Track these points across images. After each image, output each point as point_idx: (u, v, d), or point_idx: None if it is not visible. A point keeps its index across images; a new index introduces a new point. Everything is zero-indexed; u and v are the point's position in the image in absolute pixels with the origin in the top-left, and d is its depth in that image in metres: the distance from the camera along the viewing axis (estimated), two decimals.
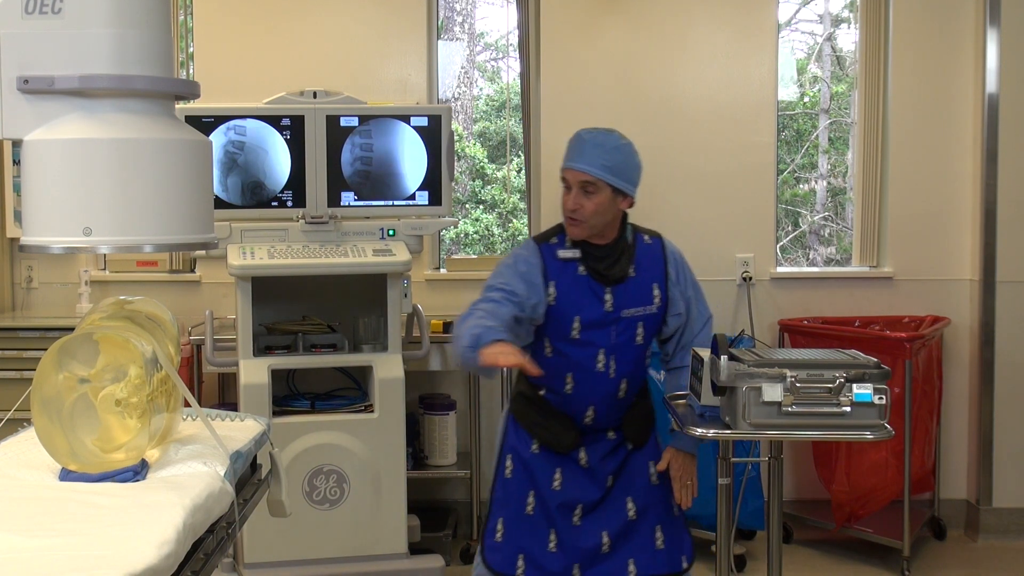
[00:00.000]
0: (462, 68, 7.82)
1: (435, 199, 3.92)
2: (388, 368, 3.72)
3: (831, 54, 8.10)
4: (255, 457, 2.39)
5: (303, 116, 3.82)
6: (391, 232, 3.87)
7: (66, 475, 1.93)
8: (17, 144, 1.89)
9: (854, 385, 2.41)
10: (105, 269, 4.67)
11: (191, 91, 2.02)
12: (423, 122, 3.90)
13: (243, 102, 3.92)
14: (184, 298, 4.57)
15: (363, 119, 3.86)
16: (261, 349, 3.75)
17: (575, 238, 2.81)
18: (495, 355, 2.44)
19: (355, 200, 3.88)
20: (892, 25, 4.65)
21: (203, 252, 3.76)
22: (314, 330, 3.90)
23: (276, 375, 3.75)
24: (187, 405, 2.10)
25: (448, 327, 4.14)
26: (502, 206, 7.40)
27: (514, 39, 4.77)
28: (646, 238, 2.91)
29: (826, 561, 4.36)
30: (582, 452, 2.90)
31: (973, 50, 4.60)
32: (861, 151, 4.79)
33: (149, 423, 1.95)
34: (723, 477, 2.69)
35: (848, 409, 2.41)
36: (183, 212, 1.92)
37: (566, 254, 2.81)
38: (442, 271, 4.80)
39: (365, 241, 3.83)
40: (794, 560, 4.28)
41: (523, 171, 5.14)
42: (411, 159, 3.90)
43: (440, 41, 5.02)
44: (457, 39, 7.78)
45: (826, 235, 7.97)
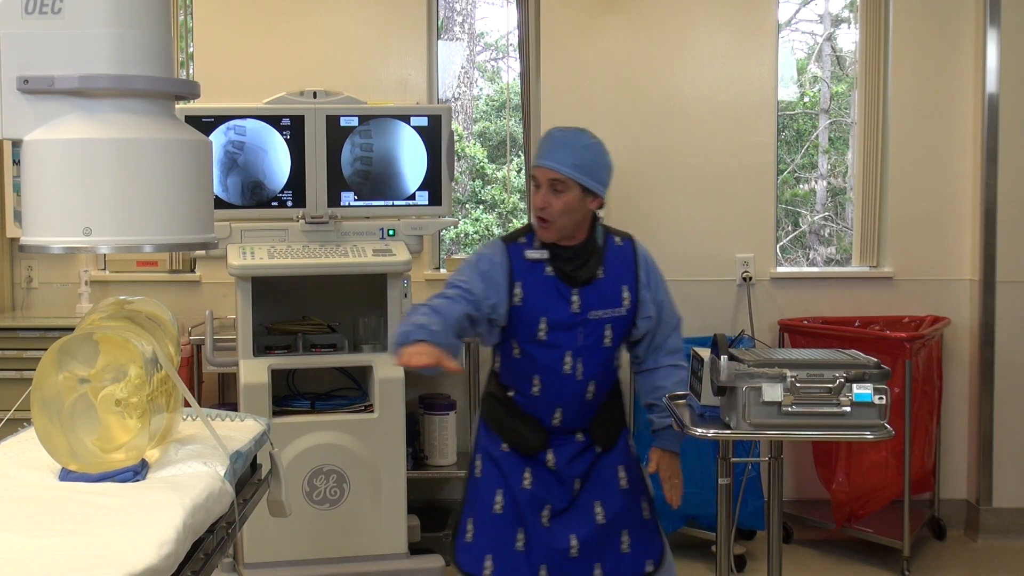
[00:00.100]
0: (462, 68, 7.82)
1: (435, 199, 3.92)
2: (388, 368, 3.72)
3: (831, 54, 8.09)
4: (255, 457, 2.40)
5: (303, 116, 3.82)
6: (391, 232, 3.87)
7: (66, 475, 1.93)
8: (17, 144, 1.89)
9: (854, 385, 2.41)
10: (105, 269, 4.67)
11: (191, 91, 2.02)
12: (423, 122, 3.90)
13: (243, 102, 3.92)
14: (184, 298, 4.57)
15: (363, 119, 3.86)
16: (261, 349, 3.76)
17: (544, 240, 2.78)
18: (409, 355, 2.46)
19: (355, 200, 3.88)
20: (892, 25, 4.65)
21: (203, 252, 3.77)
22: (314, 330, 3.90)
23: (276, 375, 3.75)
24: (187, 405, 2.10)
25: None
26: (502, 206, 7.40)
27: (514, 39, 4.77)
28: (617, 240, 2.87)
29: (826, 561, 4.36)
30: (550, 454, 2.85)
31: (973, 50, 4.61)
32: (861, 151, 4.79)
33: (149, 423, 1.95)
34: (723, 477, 2.68)
35: (848, 409, 2.40)
36: (183, 212, 1.92)
37: (534, 255, 2.78)
38: (442, 271, 4.79)
39: (365, 241, 3.83)
40: (794, 560, 4.28)
41: (523, 171, 5.13)
42: (411, 159, 3.90)
43: (440, 41, 5.02)
44: (457, 39, 7.78)
45: (826, 235, 7.97)
